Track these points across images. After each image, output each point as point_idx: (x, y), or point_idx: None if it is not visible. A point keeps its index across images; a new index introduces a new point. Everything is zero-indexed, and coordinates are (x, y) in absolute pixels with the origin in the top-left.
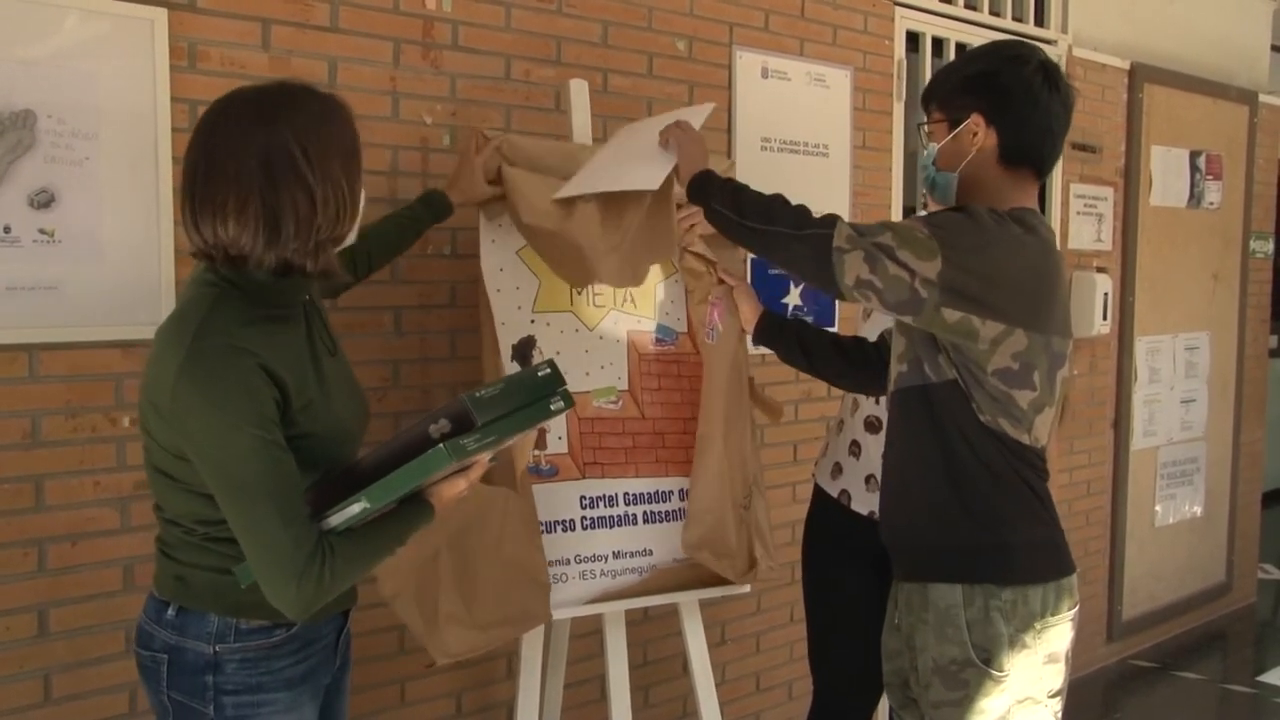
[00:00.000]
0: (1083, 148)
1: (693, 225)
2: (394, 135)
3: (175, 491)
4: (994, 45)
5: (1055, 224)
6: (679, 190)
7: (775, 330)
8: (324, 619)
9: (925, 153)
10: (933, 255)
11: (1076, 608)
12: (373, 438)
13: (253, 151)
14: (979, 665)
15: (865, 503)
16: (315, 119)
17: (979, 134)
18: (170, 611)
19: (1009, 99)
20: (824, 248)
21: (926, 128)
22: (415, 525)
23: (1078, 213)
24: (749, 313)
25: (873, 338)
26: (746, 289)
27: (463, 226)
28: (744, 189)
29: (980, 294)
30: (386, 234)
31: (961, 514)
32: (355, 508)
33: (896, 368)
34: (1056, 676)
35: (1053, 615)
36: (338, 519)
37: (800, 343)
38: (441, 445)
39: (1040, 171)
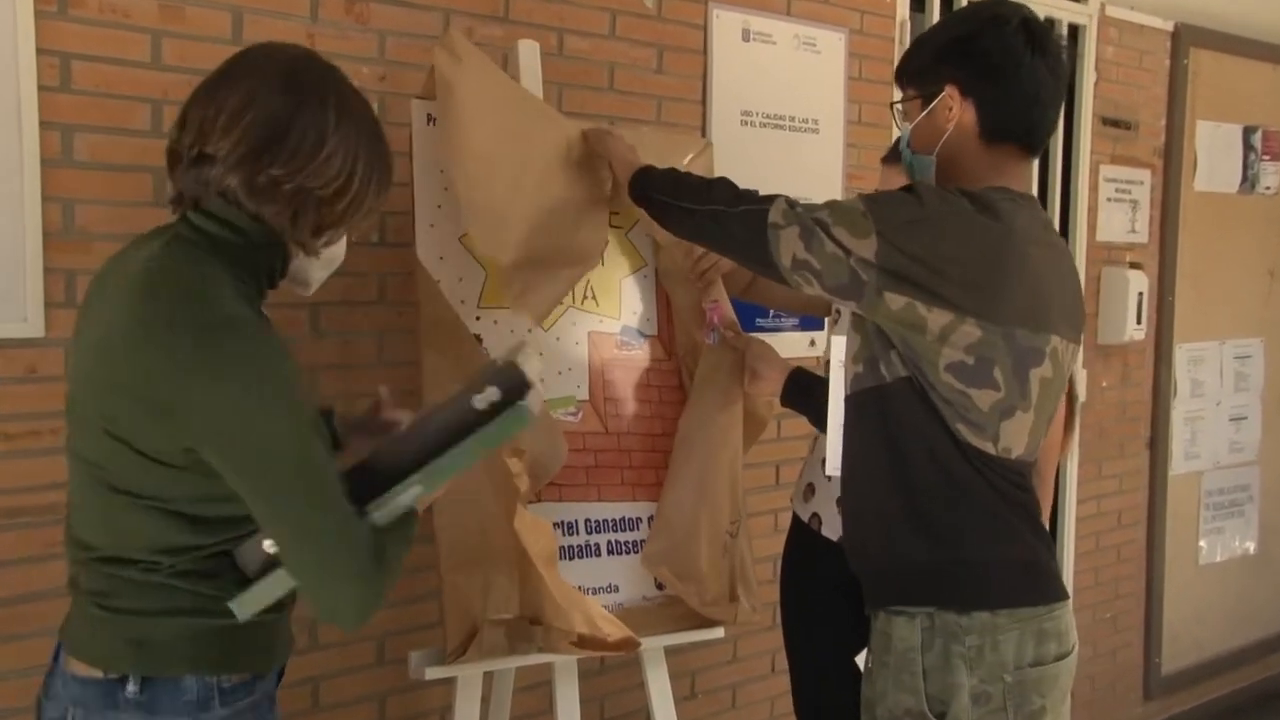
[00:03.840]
0: (1115, 123)
1: (704, 271)
2: None
3: (138, 515)
4: (972, 7)
5: (1081, 212)
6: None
7: (806, 391)
8: (276, 665)
9: (901, 136)
10: (867, 234)
11: (1070, 655)
12: None
13: (278, 69)
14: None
15: (836, 528)
16: (364, 108)
17: (954, 108)
18: (130, 688)
19: (986, 65)
20: (759, 224)
21: (900, 107)
22: (414, 527)
23: (1108, 199)
24: (770, 373)
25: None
26: (760, 345)
27: (394, 210)
28: (683, 174)
29: (921, 277)
30: None
31: (917, 528)
32: (408, 495)
33: (852, 369)
34: None
35: (1033, 665)
36: (385, 511)
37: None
38: (523, 402)
39: (1029, 147)
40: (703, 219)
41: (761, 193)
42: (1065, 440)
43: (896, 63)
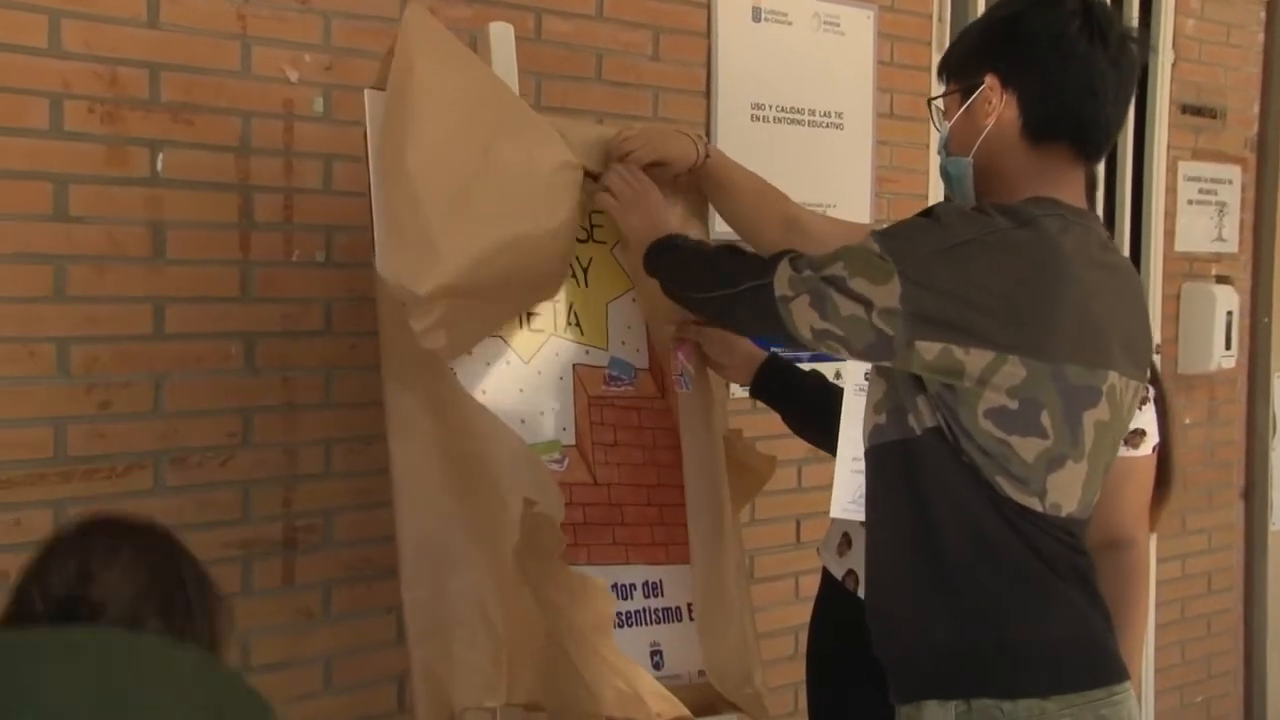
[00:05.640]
0: (1197, 111)
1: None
2: (244, 97)
3: None
4: None
5: (1156, 217)
6: None
7: (778, 381)
8: None
9: (939, 138)
10: (887, 277)
11: None
12: (221, 512)
13: None
14: None
15: None
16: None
17: (994, 101)
18: None
19: (1032, 50)
20: (766, 301)
21: (939, 104)
22: None
23: (1189, 201)
24: (733, 361)
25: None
26: (717, 332)
27: (342, 224)
28: (688, 253)
29: (953, 315)
30: None
31: (947, 605)
32: None
33: (873, 419)
34: None
35: None
36: None
37: (813, 405)
38: None
39: (1083, 151)
40: (712, 306)
41: (766, 255)
42: (1157, 509)
43: (943, 53)
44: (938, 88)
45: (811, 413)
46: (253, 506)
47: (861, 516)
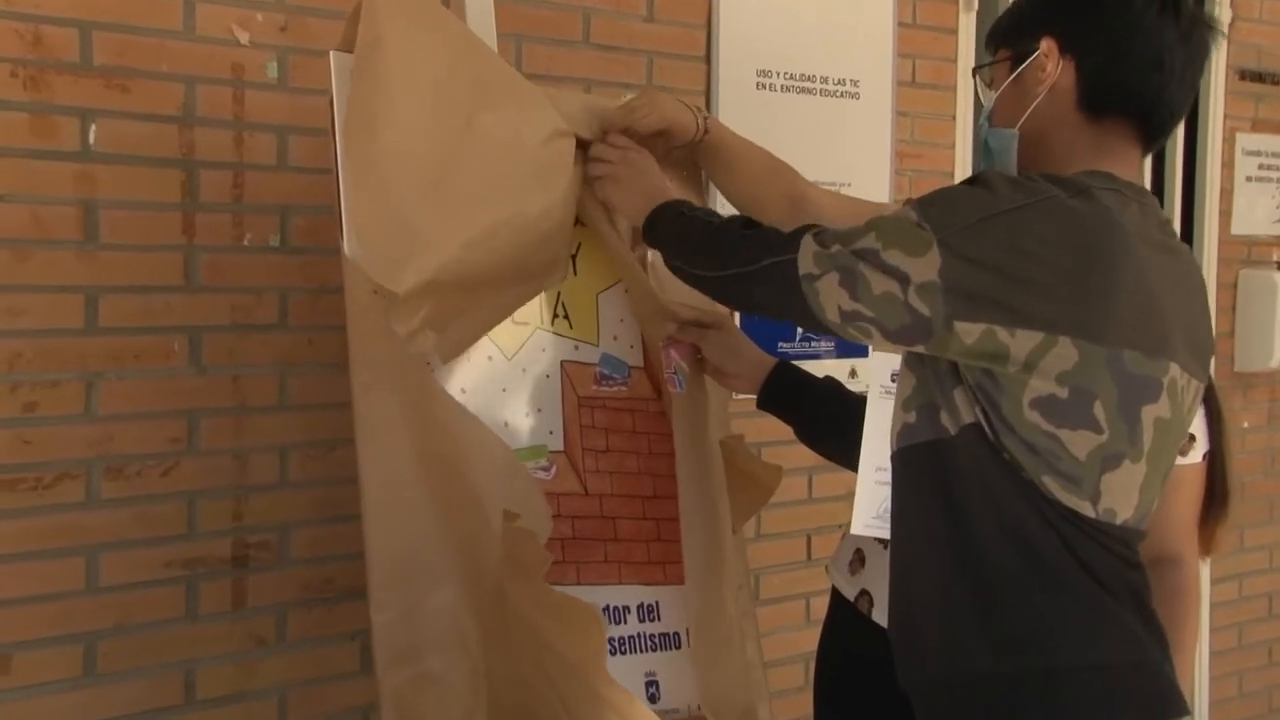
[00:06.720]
0: (1258, 77)
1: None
2: (188, 61)
3: None
4: None
5: (1210, 196)
6: None
7: (790, 392)
8: None
9: (984, 108)
10: (926, 247)
11: None
12: (163, 527)
13: None
14: None
15: None
16: None
17: (1049, 67)
18: None
19: (1097, 14)
20: (789, 279)
21: (985, 74)
22: None
23: (1248, 178)
24: (739, 368)
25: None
26: (719, 336)
27: (299, 204)
28: (697, 224)
29: (998, 290)
30: None
31: (985, 625)
32: None
33: (902, 418)
34: None
35: None
36: None
37: (829, 413)
38: None
39: (1144, 128)
40: (724, 285)
41: (785, 229)
42: (1212, 526)
43: (991, 25)
44: (984, 58)
45: (827, 422)
46: (198, 521)
47: (887, 533)
